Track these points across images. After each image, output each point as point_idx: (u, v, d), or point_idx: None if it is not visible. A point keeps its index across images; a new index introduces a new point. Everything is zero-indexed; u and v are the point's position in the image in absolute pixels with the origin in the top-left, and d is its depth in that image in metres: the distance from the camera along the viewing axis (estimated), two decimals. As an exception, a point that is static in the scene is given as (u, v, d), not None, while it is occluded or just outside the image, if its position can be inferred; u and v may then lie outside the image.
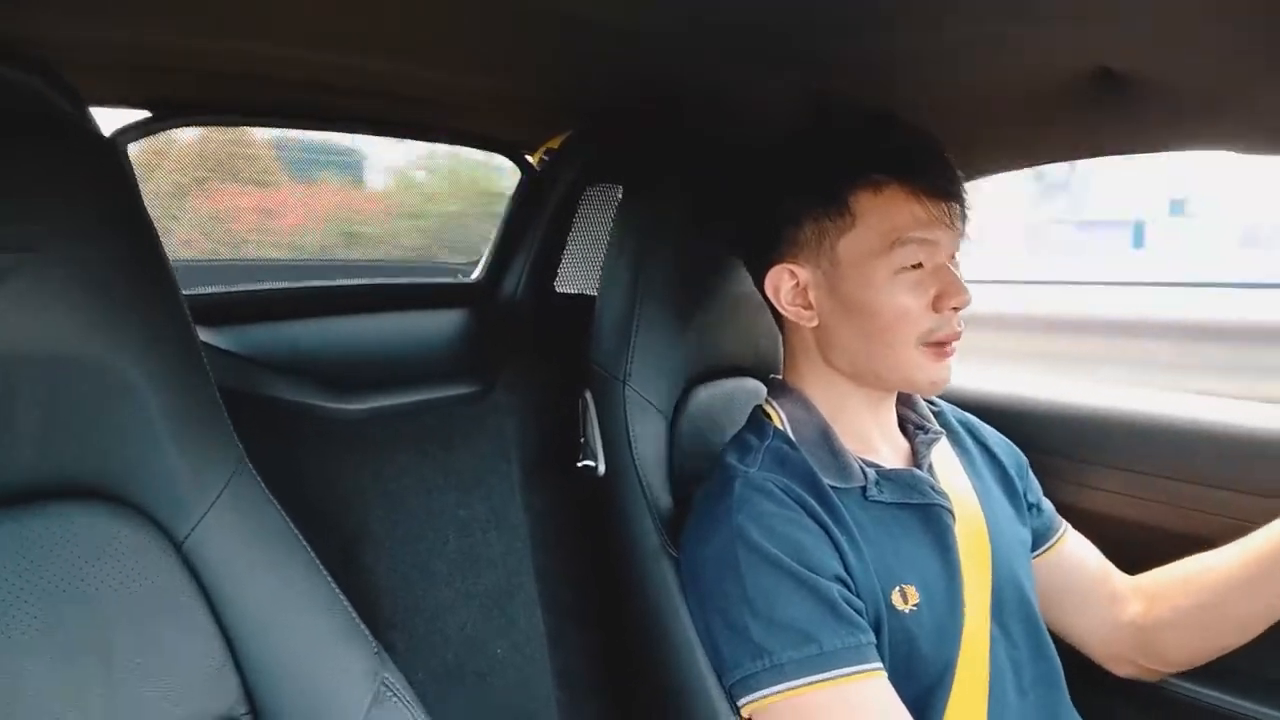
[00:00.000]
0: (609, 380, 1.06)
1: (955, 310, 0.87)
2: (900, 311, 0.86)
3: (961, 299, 0.86)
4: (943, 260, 0.87)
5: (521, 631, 1.18)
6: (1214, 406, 1.19)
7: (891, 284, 0.86)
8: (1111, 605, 1.02)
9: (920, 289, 0.86)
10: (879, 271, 0.86)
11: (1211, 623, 0.95)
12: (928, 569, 0.88)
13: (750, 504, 0.85)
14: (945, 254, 0.88)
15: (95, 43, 0.88)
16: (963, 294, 0.86)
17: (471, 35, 0.94)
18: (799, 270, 0.91)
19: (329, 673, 0.69)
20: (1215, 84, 0.89)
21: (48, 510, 0.62)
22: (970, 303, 0.86)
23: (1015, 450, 1.08)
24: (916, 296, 0.86)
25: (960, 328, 0.88)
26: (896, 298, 0.86)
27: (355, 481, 1.10)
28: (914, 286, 0.86)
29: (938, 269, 0.87)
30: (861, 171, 0.87)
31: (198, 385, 0.69)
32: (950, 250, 0.88)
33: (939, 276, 0.86)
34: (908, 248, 0.85)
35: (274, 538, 0.70)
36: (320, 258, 1.73)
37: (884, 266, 0.86)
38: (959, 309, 0.87)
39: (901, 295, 0.86)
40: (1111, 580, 1.04)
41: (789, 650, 0.80)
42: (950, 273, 0.87)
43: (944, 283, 0.86)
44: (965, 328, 0.89)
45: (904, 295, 0.86)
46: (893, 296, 0.86)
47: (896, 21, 0.83)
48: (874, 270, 0.86)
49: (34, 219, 0.60)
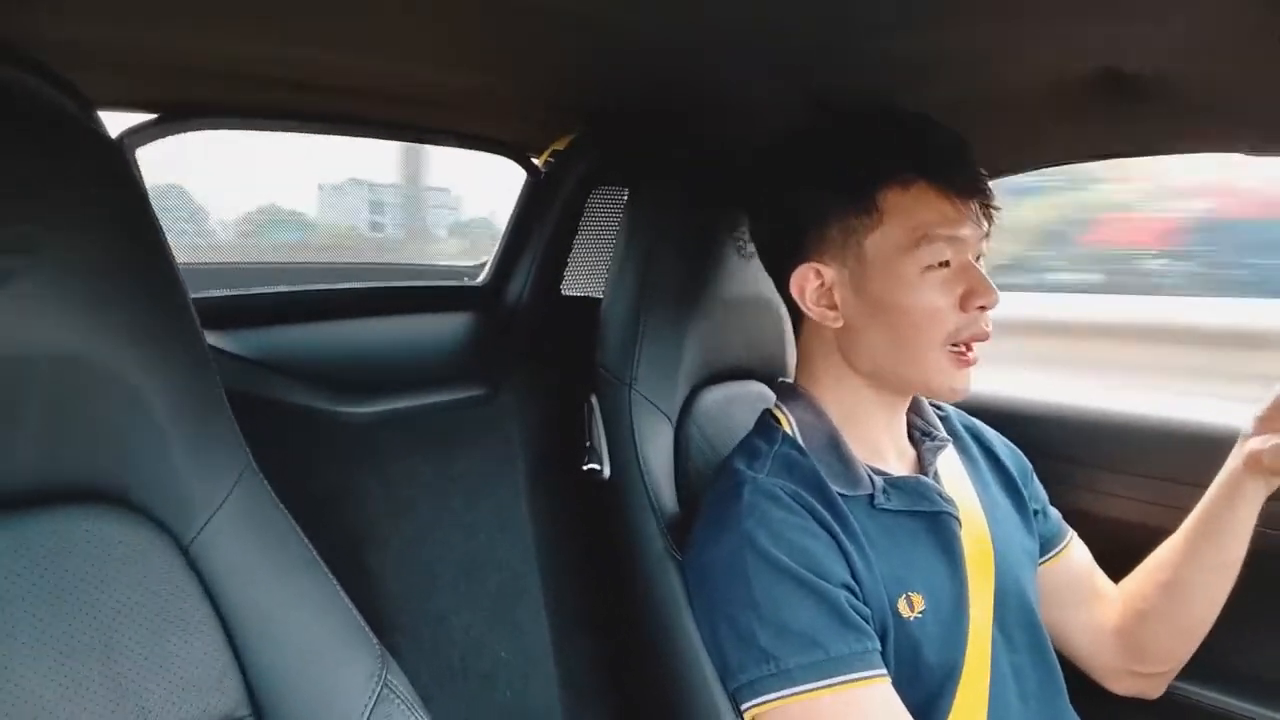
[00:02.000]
0: (615, 384, 1.06)
1: (983, 309, 0.86)
2: (928, 310, 0.86)
3: (990, 298, 0.85)
4: (969, 259, 0.87)
5: (526, 634, 1.18)
6: (1220, 410, 1.19)
7: (919, 282, 0.86)
8: (1099, 609, 1.03)
9: (948, 288, 0.86)
10: (907, 269, 0.86)
11: (1178, 603, 0.97)
12: (934, 577, 0.88)
13: (759, 510, 0.85)
14: (972, 252, 0.88)
15: (103, 45, 0.88)
16: (991, 293, 0.85)
17: (478, 37, 0.94)
18: (825, 269, 0.91)
19: (332, 675, 0.69)
20: (1224, 85, 0.88)
21: (52, 513, 0.62)
22: (999, 302, 0.86)
23: (1019, 455, 1.08)
24: (944, 295, 0.86)
25: (988, 328, 0.87)
26: (925, 296, 0.86)
27: (361, 485, 1.10)
28: (941, 285, 0.86)
29: (964, 268, 0.86)
30: (889, 169, 0.87)
31: (205, 388, 0.69)
32: (976, 250, 0.88)
33: (966, 275, 0.86)
34: (935, 244, 0.85)
35: (280, 541, 0.70)
36: (324, 260, 1.73)
37: (912, 264, 0.85)
38: (986, 308, 0.86)
39: (929, 293, 0.86)
40: (1098, 586, 1.05)
41: (796, 656, 0.80)
42: (977, 271, 0.87)
43: (971, 281, 0.86)
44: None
45: (932, 293, 0.86)
46: (921, 294, 0.86)
47: (900, 22, 0.82)
48: (902, 268, 0.86)
49: (39, 220, 0.60)
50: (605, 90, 1.15)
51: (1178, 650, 1.00)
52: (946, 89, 1.00)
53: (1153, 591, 0.99)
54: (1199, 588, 0.96)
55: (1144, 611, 1.00)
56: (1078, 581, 1.04)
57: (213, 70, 0.99)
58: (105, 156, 0.67)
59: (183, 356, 0.68)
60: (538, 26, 0.89)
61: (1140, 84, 0.89)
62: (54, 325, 0.61)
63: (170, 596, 0.65)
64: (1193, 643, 0.99)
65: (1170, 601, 0.98)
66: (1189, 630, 0.98)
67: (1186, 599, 0.97)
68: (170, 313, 0.68)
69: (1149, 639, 1.00)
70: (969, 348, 0.87)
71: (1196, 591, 0.96)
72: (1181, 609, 0.98)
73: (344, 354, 1.16)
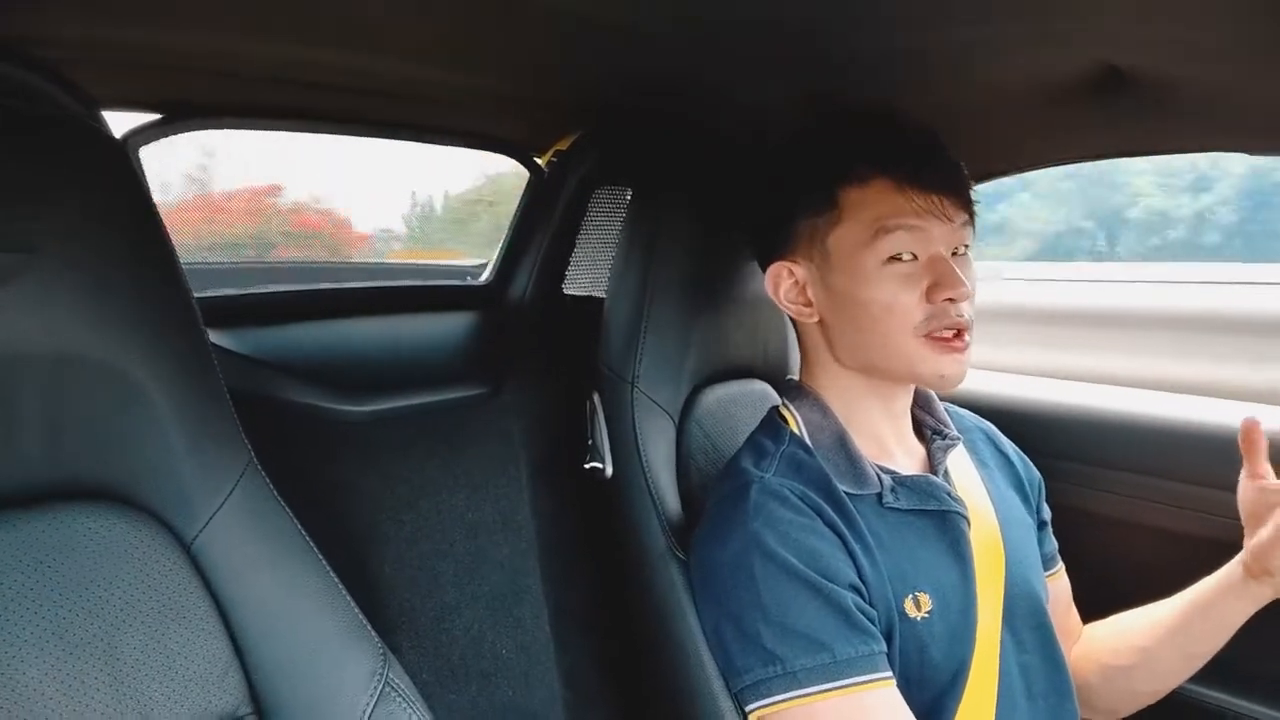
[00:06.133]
0: (617, 382, 1.06)
1: (951, 302, 0.85)
2: (888, 303, 0.86)
3: (957, 290, 0.84)
4: (939, 252, 0.86)
5: (528, 633, 1.18)
6: (1227, 409, 1.19)
7: (879, 275, 0.86)
8: (1065, 642, 1.03)
9: (912, 280, 0.86)
10: (867, 262, 0.86)
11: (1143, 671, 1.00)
12: (942, 576, 0.88)
13: (767, 510, 0.85)
14: (942, 246, 0.87)
15: (108, 45, 0.89)
16: (958, 285, 0.84)
17: (481, 36, 0.94)
18: (796, 267, 0.92)
19: (334, 673, 0.69)
20: (1224, 85, 0.88)
21: (56, 512, 0.63)
22: (969, 295, 0.86)
23: (1033, 468, 1.08)
24: (908, 288, 0.86)
25: (963, 319, 0.86)
26: (884, 289, 0.86)
27: (363, 483, 1.10)
28: (905, 278, 0.86)
29: (932, 260, 0.86)
30: (848, 166, 0.88)
31: (208, 387, 0.69)
32: (950, 243, 0.87)
33: (933, 268, 0.86)
34: (894, 236, 0.85)
35: (282, 539, 0.71)
36: (329, 260, 1.74)
37: (871, 257, 0.86)
38: (955, 300, 0.85)
39: (890, 286, 0.86)
40: (1070, 623, 1.08)
41: (802, 658, 0.80)
42: (945, 264, 0.86)
43: (938, 274, 0.85)
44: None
45: (893, 286, 0.86)
46: (881, 288, 0.86)
47: (900, 22, 0.83)
48: (862, 261, 0.86)
49: (43, 219, 0.60)
50: (608, 90, 1.15)
51: (1119, 709, 1.03)
52: (945, 89, 1.00)
53: (1125, 651, 1.01)
54: (1170, 664, 0.99)
55: (1107, 665, 1.02)
56: (1053, 614, 1.02)
57: (216, 70, 0.99)
58: (109, 156, 0.68)
59: (186, 355, 0.68)
60: (540, 26, 0.89)
61: (1140, 83, 0.89)
62: (57, 323, 0.61)
63: (172, 594, 0.65)
64: (1135, 707, 1.03)
65: (1136, 668, 1.00)
66: (1139, 696, 1.02)
67: (1153, 670, 1.00)
68: (173, 311, 0.68)
69: (1100, 689, 1.03)
70: (958, 334, 0.86)
71: (1164, 666, 0.99)
72: (1145, 678, 1.01)
73: (347, 353, 1.16)
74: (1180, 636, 0.96)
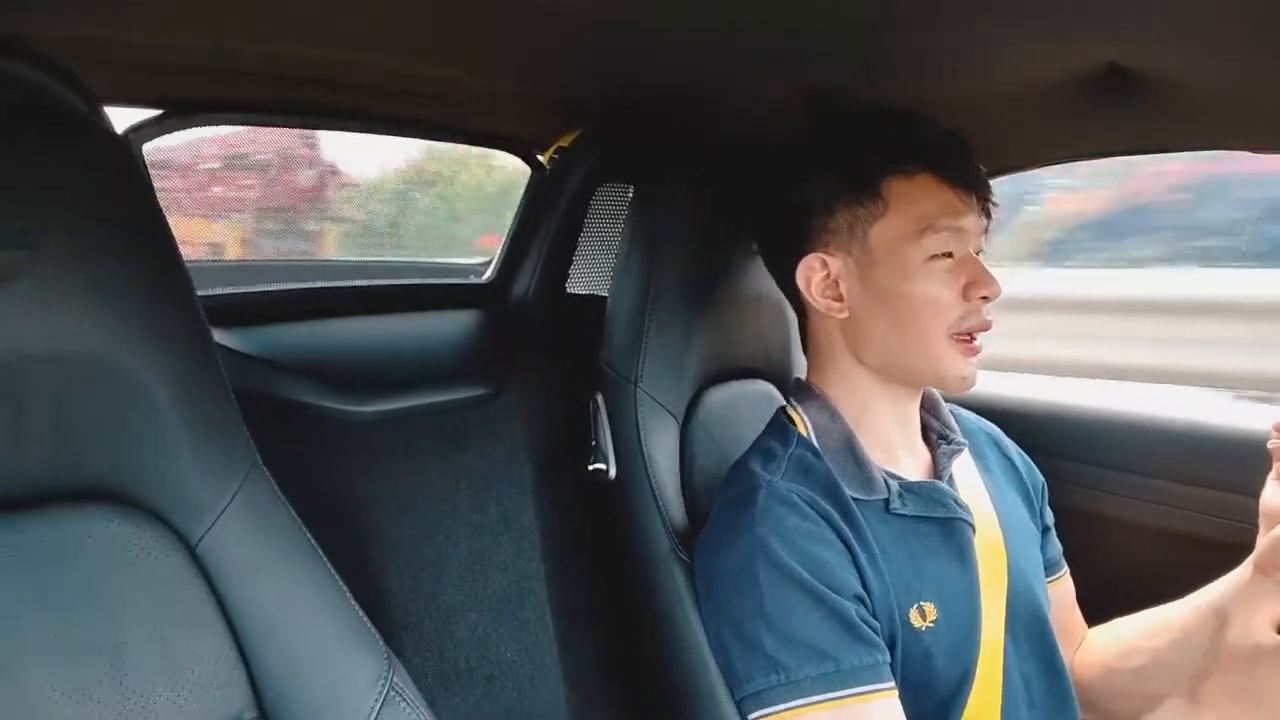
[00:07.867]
0: (620, 382, 1.06)
1: (985, 300, 0.87)
2: (931, 299, 0.87)
3: (991, 289, 0.86)
4: (970, 251, 0.89)
5: (532, 634, 1.17)
6: (1229, 410, 1.19)
7: (923, 271, 0.87)
8: (1065, 647, 1.02)
9: (950, 278, 0.87)
10: (912, 258, 0.87)
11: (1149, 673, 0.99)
12: (947, 585, 0.88)
13: (774, 516, 0.85)
14: (972, 245, 0.89)
15: (109, 41, 0.88)
16: (992, 284, 0.86)
17: (482, 33, 0.94)
18: (830, 260, 0.91)
19: (338, 675, 0.69)
20: (1226, 83, 0.88)
21: (58, 513, 0.62)
22: (1000, 293, 0.87)
23: (1036, 472, 1.08)
24: (947, 285, 0.87)
25: (990, 319, 0.88)
26: (928, 285, 0.87)
27: (367, 483, 1.10)
28: (944, 275, 0.87)
29: (966, 259, 0.88)
30: (894, 159, 0.88)
31: (212, 387, 0.69)
32: (977, 242, 0.90)
33: (968, 266, 0.88)
34: (940, 234, 0.86)
35: (286, 540, 0.70)
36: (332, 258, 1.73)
37: (916, 253, 0.87)
38: (989, 299, 0.87)
39: (932, 283, 0.87)
40: (1073, 625, 1.07)
41: (805, 667, 0.80)
42: (978, 263, 0.88)
43: (973, 272, 0.87)
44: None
45: (934, 283, 0.87)
46: (924, 284, 0.87)
47: (901, 21, 0.82)
48: (906, 256, 0.87)
49: (44, 216, 0.59)
50: (609, 88, 1.14)
51: (1123, 713, 1.02)
52: (946, 88, 0.99)
53: (1132, 653, 1.01)
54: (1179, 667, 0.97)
55: (1113, 669, 1.02)
56: (1057, 617, 1.03)
57: (218, 66, 0.99)
58: (111, 152, 0.67)
59: (189, 354, 0.67)
60: (543, 24, 0.89)
61: (1143, 82, 0.89)
62: (59, 322, 0.60)
63: (177, 596, 0.65)
64: (1140, 712, 1.01)
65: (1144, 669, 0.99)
66: (1146, 699, 1.00)
67: (1161, 673, 0.98)
68: (176, 310, 0.67)
69: (1105, 692, 1.03)
70: (973, 337, 0.88)
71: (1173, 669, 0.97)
72: (1152, 680, 0.99)
73: (349, 352, 1.16)
74: (1191, 639, 0.95)
